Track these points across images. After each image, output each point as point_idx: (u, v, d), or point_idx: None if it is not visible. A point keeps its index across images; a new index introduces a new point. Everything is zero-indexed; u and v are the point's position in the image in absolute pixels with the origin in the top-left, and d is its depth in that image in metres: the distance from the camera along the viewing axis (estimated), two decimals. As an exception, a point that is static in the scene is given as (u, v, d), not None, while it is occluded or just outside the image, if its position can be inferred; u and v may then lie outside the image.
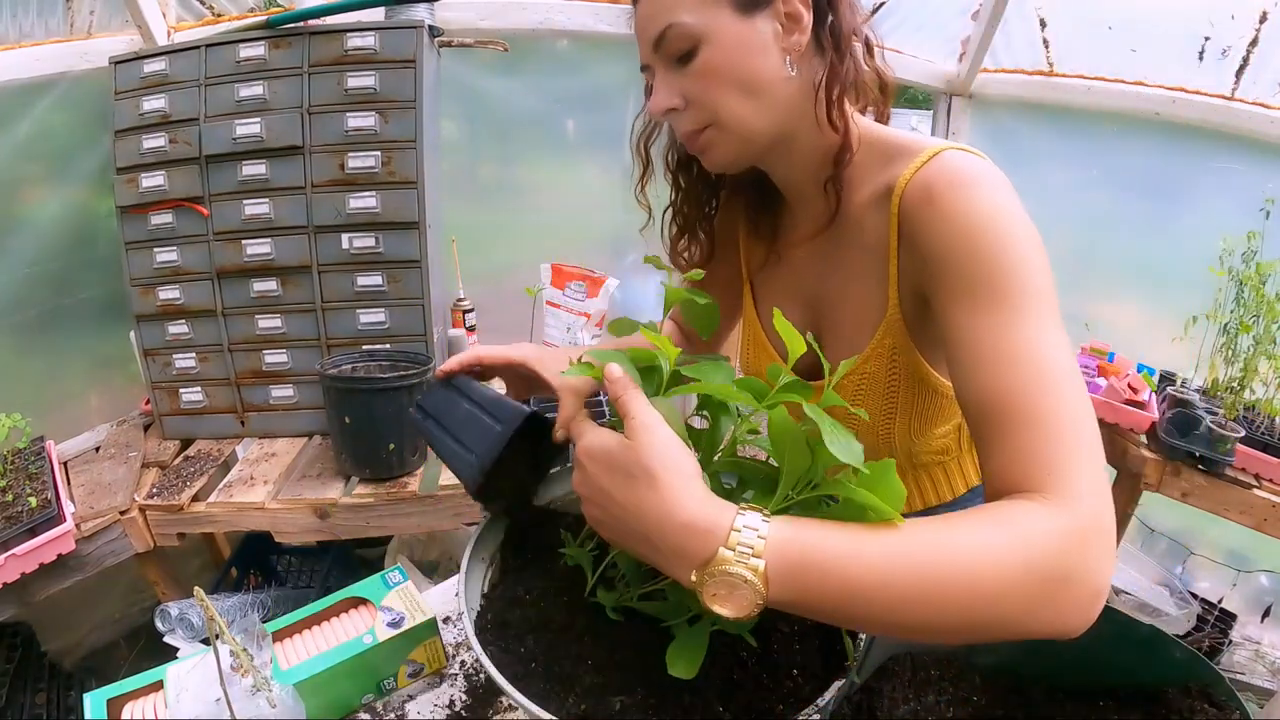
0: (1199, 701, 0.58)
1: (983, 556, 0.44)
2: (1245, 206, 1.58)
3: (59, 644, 1.82)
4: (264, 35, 1.58)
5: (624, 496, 0.46)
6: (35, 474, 1.43)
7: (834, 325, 0.77)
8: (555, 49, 2.05)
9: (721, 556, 0.42)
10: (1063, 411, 0.50)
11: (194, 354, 1.69)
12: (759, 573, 0.42)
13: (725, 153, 0.70)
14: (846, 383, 0.74)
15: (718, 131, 0.67)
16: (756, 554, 0.42)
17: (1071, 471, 0.48)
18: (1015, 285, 0.55)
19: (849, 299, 0.75)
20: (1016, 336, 0.54)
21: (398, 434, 1.52)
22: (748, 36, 0.63)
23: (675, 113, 0.68)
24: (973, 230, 0.58)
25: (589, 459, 0.49)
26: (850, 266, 0.73)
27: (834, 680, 0.51)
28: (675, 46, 0.64)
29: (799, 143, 0.71)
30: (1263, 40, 1.73)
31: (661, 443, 0.46)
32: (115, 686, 0.74)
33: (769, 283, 0.87)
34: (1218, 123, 1.83)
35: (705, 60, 0.63)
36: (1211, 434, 1.45)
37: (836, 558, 0.43)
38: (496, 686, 0.50)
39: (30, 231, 1.66)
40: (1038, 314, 0.54)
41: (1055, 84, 1.99)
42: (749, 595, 0.42)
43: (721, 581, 0.42)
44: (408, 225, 1.63)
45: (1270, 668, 1.83)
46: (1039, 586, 0.44)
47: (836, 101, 0.67)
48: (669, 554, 0.45)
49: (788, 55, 0.64)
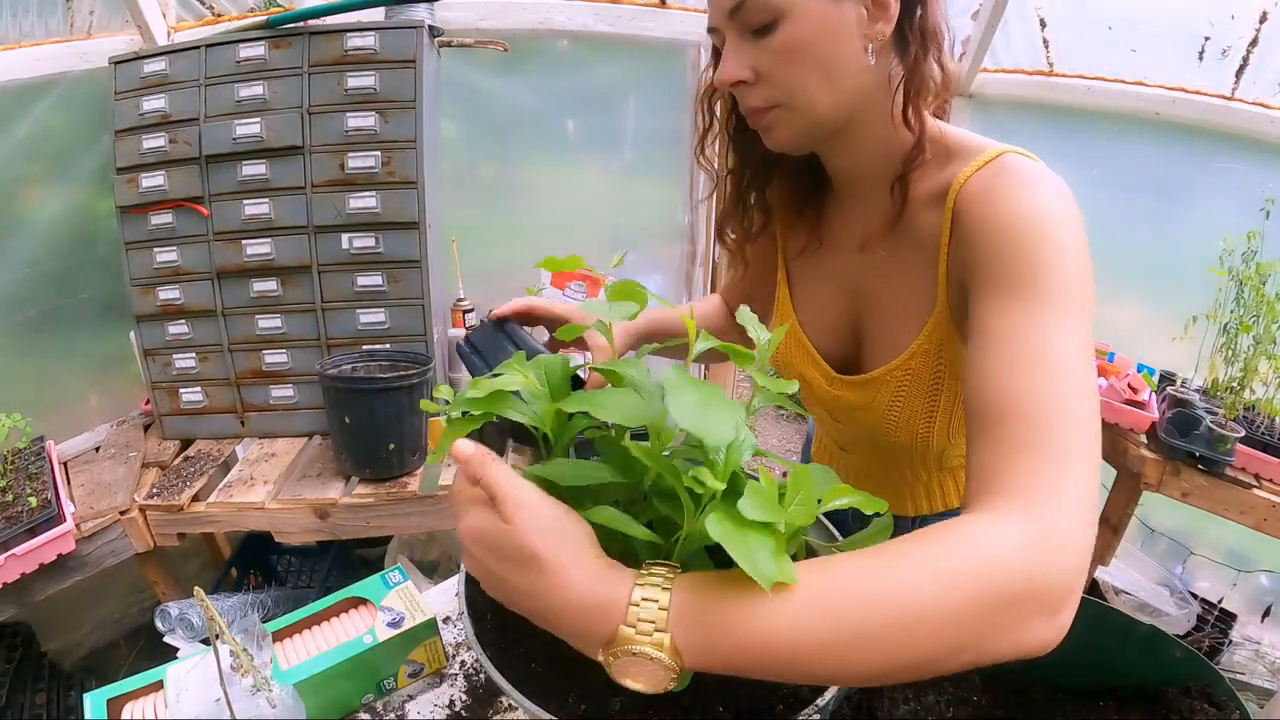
0: (1199, 701, 0.58)
1: (921, 585, 0.40)
2: (1245, 206, 1.58)
3: (59, 644, 1.82)
4: (264, 35, 1.59)
5: (515, 581, 0.43)
6: (35, 474, 1.43)
7: (877, 319, 0.76)
8: (555, 49, 2.05)
9: (623, 635, 0.40)
10: (1063, 419, 0.47)
11: (194, 354, 1.69)
12: (664, 647, 0.39)
13: (789, 134, 0.67)
14: (890, 379, 0.73)
15: (786, 111, 0.65)
16: (659, 627, 0.39)
17: (1052, 480, 0.45)
18: (1047, 282, 0.54)
19: (895, 294, 0.73)
20: (1035, 333, 0.52)
21: (398, 434, 1.52)
22: (832, 18, 0.60)
23: (744, 86, 0.64)
24: (1019, 224, 0.57)
25: (472, 543, 0.45)
26: (899, 262, 0.72)
27: (834, 680, 0.50)
28: (755, 17, 0.61)
29: (865, 134, 0.68)
30: (1263, 40, 1.72)
31: (542, 521, 0.43)
32: (115, 686, 0.74)
33: (808, 271, 0.84)
34: (1218, 123, 1.83)
35: (785, 36, 0.60)
36: (1211, 434, 1.45)
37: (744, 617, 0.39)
38: (496, 686, 0.50)
39: (30, 231, 1.66)
40: (1062, 314, 0.52)
41: (1055, 84, 1.99)
42: (659, 671, 0.40)
43: (628, 661, 0.40)
44: (408, 225, 1.63)
45: (1270, 668, 1.83)
46: (998, 608, 0.40)
47: (915, 100, 0.64)
48: (573, 636, 0.42)
49: (869, 44, 0.62)
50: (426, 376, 1.51)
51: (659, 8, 2.03)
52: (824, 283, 0.82)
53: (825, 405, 0.84)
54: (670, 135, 2.18)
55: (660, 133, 2.19)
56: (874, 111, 0.66)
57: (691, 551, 0.48)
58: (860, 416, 0.79)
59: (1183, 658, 0.59)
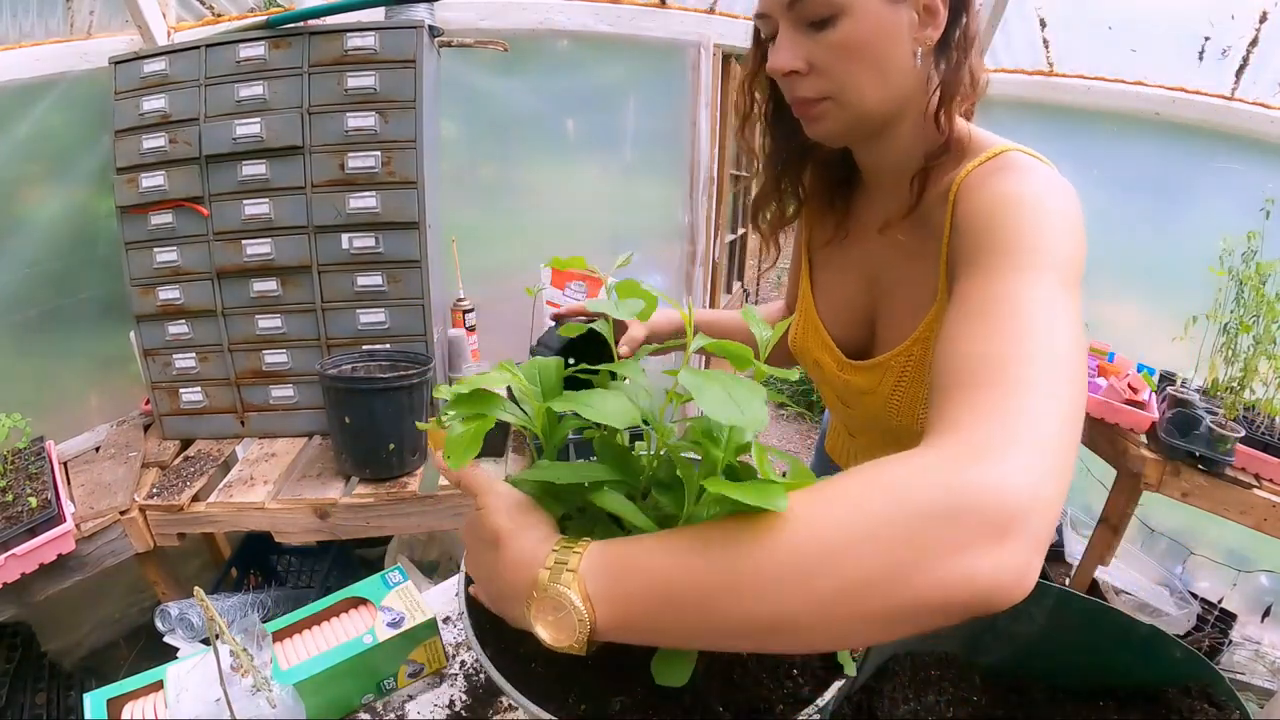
0: (1199, 701, 0.58)
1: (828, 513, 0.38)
2: (1245, 206, 1.58)
3: (59, 644, 1.82)
4: (264, 35, 1.58)
5: (487, 561, 0.48)
6: (35, 474, 1.43)
7: (890, 309, 0.79)
8: (555, 49, 2.05)
9: (540, 579, 0.42)
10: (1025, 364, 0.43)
11: (194, 354, 1.69)
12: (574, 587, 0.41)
13: (834, 126, 0.69)
14: (894, 364, 0.77)
15: (835, 105, 0.67)
16: (570, 568, 0.42)
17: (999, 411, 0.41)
18: (1024, 246, 0.53)
19: (908, 284, 0.76)
20: (1007, 288, 0.50)
21: (398, 434, 1.52)
22: (889, 19, 0.63)
23: (796, 76, 0.66)
24: (1000, 205, 0.59)
25: (466, 536, 0.51)
26: (912, 253, 0.75)
27: (834, 680, 0.50)
28: (815, 10, 0.62)
29: (900, 132, 0.71)
30: (1263, 40, 1.72)
31: (506, 504, 0.48)
32: (115, 686, 0.74)
33: (832, 260, 0.87)
34: (1218, 123, 1.83)
35: (845, 33, 0.62)
36: (1211, 434, 1.45)
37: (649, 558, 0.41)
38: (496, 686, 0.50)
39: (30, 231, 1.66)
40: (1039, 271, 0.51)
41: (1055, 84, 1.99)
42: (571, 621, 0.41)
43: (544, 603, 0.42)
44: (408, 225, 1.63)
45: (1270, 668, 1.83)
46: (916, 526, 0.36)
47: (948, 102, 0.67)
48: (511, 599, 0.45)
49: (918, 47, 0.65)
50: (426, 376, 1.51)
51: (659, 8, 2.03)
52: (845, 272, 0.85)
53: (836, 390, 0.88)
54: (670, 135, 2.18)
55: (660, 133, 2.20)
56: (911, 110, 0.69)
57: None
58: (867, 401, 0.82)
59: (1183, 658, 0.59)
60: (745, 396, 0.40)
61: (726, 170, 2.49)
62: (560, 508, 0.52)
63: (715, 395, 0.40)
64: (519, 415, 0.53)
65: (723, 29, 2.09)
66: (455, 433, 0.48)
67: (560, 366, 0.57)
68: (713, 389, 0.40)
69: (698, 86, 2.11)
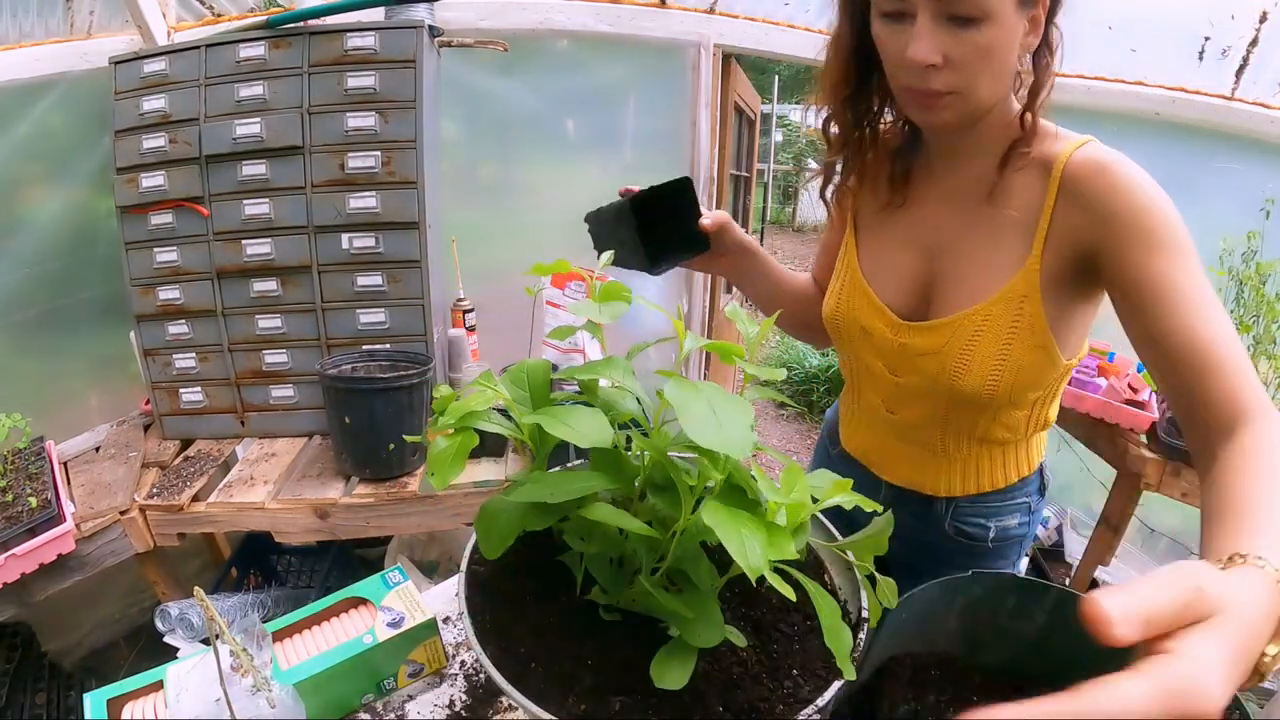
0: (1199, 701, 0.58)
1: None
2: (1245, 206, 1.58)
3: (59, 644, 1.83)
4: (264, 35, 1.59)
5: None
6: (35, 474, 1.43)
7: (956, 272, 0.81)
8: (555, 49, 2.05)
9: None
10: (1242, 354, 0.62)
11: (194, 354, 1.69)
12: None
13: (953, 118, 0.73)
14: (966, 323, 0.78)
15: (960, 99, 0.71)
16: None
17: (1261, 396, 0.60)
18: (1182, 239, 0.66)
19: (979, 251, 0.79)
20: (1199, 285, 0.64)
21: (398, 434, 1.52)
22: (1015, 27, 0.68)
23: (932, 69, 0.68)
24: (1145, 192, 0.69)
25: None
26: (988, 224, 0.78)
27: (834, 680, 0.50)
28: (964, 8, 0.65)
29: (989, 121, 0.77)
30: (1263, 40, 1.72)
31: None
32: (115, 686, 0.74)
33: (883, 228, 0.89)
34: (1218, 123, 1.83)
35: (987, 36, 0.66)
36: (1211, 434, 1.45)
37: None
38: (496, 686, 0.50)
39: (30, 231, 1.66)
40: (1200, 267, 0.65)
41: (1055, 84, 1.98)
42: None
43: None
44: (408, 225, 1.63)
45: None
46: None
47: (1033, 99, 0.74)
48: None
49: (1024, 53, 0.72)
50: (426, 376, 1.51)
51: (659, 8, 2.03)
52: (897, 237, 0.86)
53: (886, 357, 0.87)
54: (670, 135, 2.18)
55: (660, 133, 2.19)
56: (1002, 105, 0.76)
57: (689, 547, 0.48)
58: (926, 363, 0.82)
59: (1183, 658, 0.59)
60: (731, 415, 0.39)
61: (726, 170, 2.49)
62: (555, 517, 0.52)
63: (698, 413, 0.39)
64: (507, 426, 0.52)
65: (723, 29, 2.09)
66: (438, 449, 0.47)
67: (547, 370, 0.57)
68: (697, 405, 0.39)
69: (698, 87, 2.11)
